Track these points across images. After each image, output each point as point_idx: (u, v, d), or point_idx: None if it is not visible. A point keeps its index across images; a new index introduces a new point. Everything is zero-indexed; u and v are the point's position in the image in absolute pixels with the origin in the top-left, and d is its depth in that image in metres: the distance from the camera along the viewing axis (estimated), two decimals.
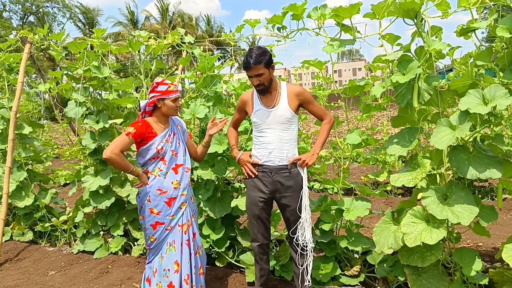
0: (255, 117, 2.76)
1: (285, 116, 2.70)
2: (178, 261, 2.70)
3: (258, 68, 2.60)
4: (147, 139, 2.66)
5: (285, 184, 2.72)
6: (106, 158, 2.54)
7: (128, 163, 2.64)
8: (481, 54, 2.37)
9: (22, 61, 4.42)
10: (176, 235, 2.72)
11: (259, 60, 2.59)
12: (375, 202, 5.67)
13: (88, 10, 42.32)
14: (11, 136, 4.35)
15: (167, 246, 2.71)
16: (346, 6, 2.66)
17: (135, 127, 2.64)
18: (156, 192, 2.68)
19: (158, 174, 2.69)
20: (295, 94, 2.74)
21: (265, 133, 2.74)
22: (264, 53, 2.63)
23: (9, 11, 35.66)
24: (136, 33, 3.83)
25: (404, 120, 2.71)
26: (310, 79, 71.40)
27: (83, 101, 4.11)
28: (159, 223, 2.69)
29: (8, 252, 4.42)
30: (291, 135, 2.74)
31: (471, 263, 2.45)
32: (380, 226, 2.73)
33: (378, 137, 7.75)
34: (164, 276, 2.69)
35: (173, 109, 2.74)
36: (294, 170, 2.74)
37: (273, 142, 2.71)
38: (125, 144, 2.60)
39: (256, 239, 2.87)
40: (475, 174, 2.23)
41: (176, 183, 2.73)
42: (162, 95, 2.69)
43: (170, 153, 2.74)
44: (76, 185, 4.46)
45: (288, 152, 2.72)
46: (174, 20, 45.08)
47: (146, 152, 2.69)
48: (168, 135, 2.76)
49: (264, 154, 2.74)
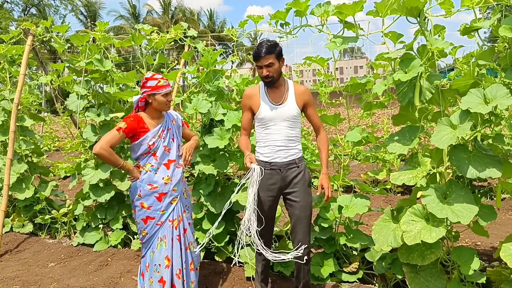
0: (262, 113, 2.69)
1: (292, 114, 2.67)
2: (168, 256, 2.69)
3: (268, 58, 2.57)
4: (139, 134, 2.65)
5: (294, 180, 2.70)
6: (96, 153, 2.53)
7: (117, 158, 2.62)
8: (483, 54, 2.37)
9: (25, 53, 4.42)
10: (167, 230, 2.71)
11: (270, 50, 2.57)
12: (375, 200, 5.69)
13: (90, 3, 42.22)
14: (13, 128, 4.36)
15: (158, 241, 2.71)
16: (350, 3, 2.65)
17: (126, 122, 2.62)
18: (146, 187, 2.67)
19: (149, 169, 2.68)
20: (301, 93, 2.73)
21: (271, 130, 2.69)
22: (276, 44, 2.62)
23: (10, 3, 35.58)
24: (139, 26, 3.83)
25: (405, 119, 2.72)
26: (312, 76, 71.30)
27: (84, 94, 4.12)
28: (150, 217, 2.69)
29: (8, 243, 4.44)
30: (297, 132, 2.74)
31: (469, 261, 2.46)
32: (379, 224, 2.73)
33: (379, 135, 7.75)
34: (155, 271, 2.68)
35: (164, 104, 2.70)
36: (302, 164, 2.74)
37: (280, 139, 2.67)
38: (115, 139, 2.58)
39: (260, 235, 2.86)
40: (475, 173, 2.24)
41: (166, 179, 2.71)
42: (152, 90, 2.66)
43: (163, 148, 2.72)
44: (77, 178, 4.47)
45: (295, 148, 2.71)
46: (176, 14, 45.00)
47: (138, 147, 2.68)
48: (161, 130, 2.74)
49: (270, 151, 2.70)
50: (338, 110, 17.29)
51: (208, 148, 3.40)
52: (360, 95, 3.21)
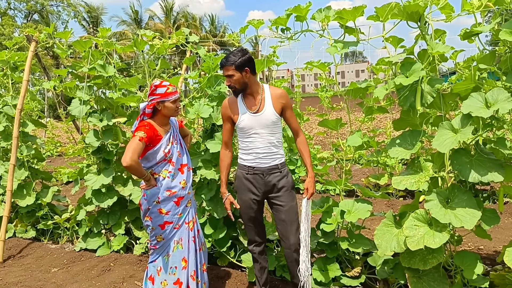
0: (242, 123, 2.70)
1: (271, 120, 2.67)
2: (185, 258, 2.75)
3: (227, 68, 2.60)
4: (154, 142, 2.66)
5: (277, 185, 2.73)
6: (127, 166, 2.47)
7: (143, 169, 2.62)
8: (484, 58, 2.37)
9: (28, 59, 4.45)
10: (183, 232, 2.76)
11: (229, 61, 2.58)
12: (377, 204, 5.68)
13: (92, 9, 42.48)
14: (16, 133, 4.38)
15: (174, 244, 2.74)
16: (350, 8, 2.66)
17: (144, 131, 2.60)
18: (165, 193, 2.69)
19: (167, 175, 2.70)
20: (278, 96, 2.72)
21: (253, 138, 2.70)
22: (238, 55, 2.59)
23: (13, 9, 35.82)
24: (141, 32, 3.85)
25: (406, 123, 2.72)
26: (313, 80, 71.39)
27: (87, 100, 4.14)
28: (168, 222, 2.71)
29: (11, 248, 4.45)
30: (278, 137, 2.75)
31: (472, 266, 2.45)
32: (382, 229, 2.73)
33: (381, 139, 7.75)
34: (171, 273, 2.72)
35: (173, 110, 2.73)
36: (285, 169, 2.76)
37: (262, 146, 2.69)
38: (140, 149, 2.56)
39: (254, 241, 2.89)
40: (477, 177, 2.23)
41: (183, 183, 2.76)
42: (161, 97, 2.68)
43: (177, 154, 2.76)
44: (79, 183, 4.48)
45: (277, 154, 2.73)
46: (178, 20, 45.19)
47: (153, 156, 2.68)
48: (172, 136, 2.78)
49: (253, 158, 2.72)
50: (340, 114, 17.29)
51: (209, 153, 3.41)
52: (361, 100, 3.21)
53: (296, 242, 2.74)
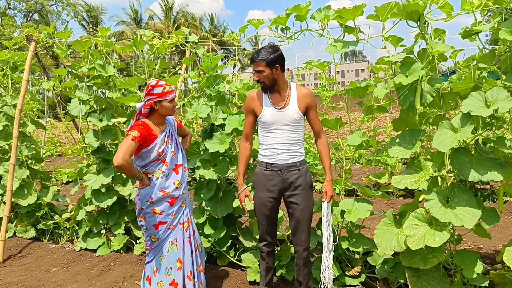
0: (265, 117, 2.70)
1: (294, 118, 2.68)
2: (180, 259, 2.73)
3: (258, 64, 2.61)
4: (149, 141, 2.65)
5: (295, 183, 2.71)
6: (118, 165, 2.47)
7: (135, 168, 2.62)
8: (484, 57, 2.37)
9: (27, 59, 4.45)
10: (178, 233, 2.75)
11: (260, 56, 2.60)
12: (377, 203, 5.68)
13: (92, 8, 42.44)
14: (16, 133, 4.38)
15: (168, 245, 2.73)
16: (350, 7, 2.66)
17: (137, 130, 2.60)
18: (159, 193, 2.68)
19: (160, 175, 2.69)
20: (304, 95, 2.72)
21: (273, 134, 2.71)
22: (269, 51, 2.61)
23: (13, 9, 35.80)
24: (141, 32, 3.85)
25: (406, 123, 2.71)
26: (313, 80, 71.34)
27: (86, 99, 4.13)
28: (162, 222, 2.71)
29: (11, 248, 4.45)
30: (299, 136, 2.74)
31: (472, 265, 2.46)
32: (381, 228, 2.73)
33: (382, 139, 7.74)
34: (166, 274, 2.70)
35: (170, 110, 2.73)
36: (304, 168, 2.75)
37: (282, 142, 2.69)
38: (133, 149, 2.55)
39: (265, 240, 2.87)
40: (476, 176, 2.23)
41: (177, 183, 2.74)
42: (158, 97, 2.67)
43: (171, 154, 2.75)
44: (79, 183, 4.48)
45: (296, 152, 2.72)
46: (177, 19, 45.16)
47: (147, 154, 2.68)
48: (167, 136, 2.76)
49: (272, 154, 2.72)
50: (340, 113, 17.28)
51: (208, 153, 3.41)
52: (361, 99, 3.21)
53: (307, 239, 2.76)
